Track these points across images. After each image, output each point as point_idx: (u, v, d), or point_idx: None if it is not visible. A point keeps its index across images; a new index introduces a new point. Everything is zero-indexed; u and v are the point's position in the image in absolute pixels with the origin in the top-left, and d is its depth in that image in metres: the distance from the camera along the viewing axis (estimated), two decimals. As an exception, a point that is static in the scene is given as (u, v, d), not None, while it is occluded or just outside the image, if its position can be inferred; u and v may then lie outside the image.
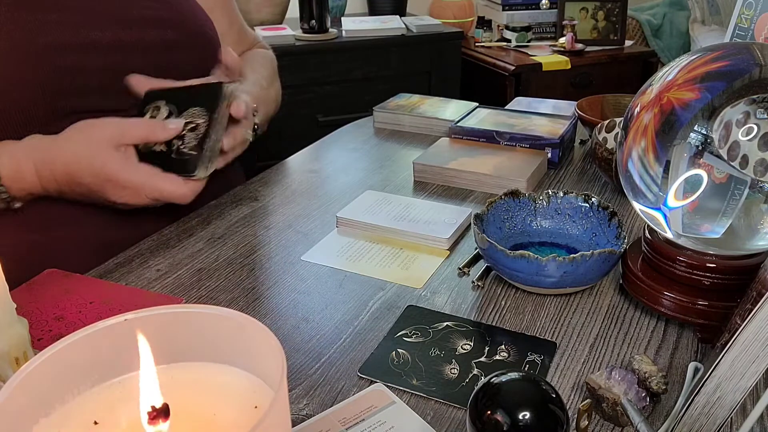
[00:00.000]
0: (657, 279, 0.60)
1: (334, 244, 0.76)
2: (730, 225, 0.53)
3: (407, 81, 2.12)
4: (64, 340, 0.30)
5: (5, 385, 0.28)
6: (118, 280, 0.69)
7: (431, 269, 0.71)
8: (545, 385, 0.39)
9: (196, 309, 0.32)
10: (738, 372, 0.41)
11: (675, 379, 0.54)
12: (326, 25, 2.08)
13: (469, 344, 0.58)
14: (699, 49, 0.55)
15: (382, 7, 2.39)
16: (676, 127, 0.52)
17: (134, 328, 0.31)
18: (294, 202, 0.88)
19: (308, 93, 2.03)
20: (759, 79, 0.50)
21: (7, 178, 0.68)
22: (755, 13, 0.76)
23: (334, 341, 0.60)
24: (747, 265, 0.56)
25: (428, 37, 2.16)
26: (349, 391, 0.53)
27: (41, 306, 0.62)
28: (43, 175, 0.69)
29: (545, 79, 2.28)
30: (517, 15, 2.51)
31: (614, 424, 0.49)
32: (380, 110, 1.16)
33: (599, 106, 1.09)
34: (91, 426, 0.30)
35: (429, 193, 0.90)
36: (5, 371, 0.45)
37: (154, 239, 0.77)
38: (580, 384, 0.54)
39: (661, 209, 0.55)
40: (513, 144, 0.98)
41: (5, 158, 0.68)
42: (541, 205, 0.73)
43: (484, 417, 0.38)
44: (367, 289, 0.67)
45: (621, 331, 0.60)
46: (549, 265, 0.61)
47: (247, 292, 0.67)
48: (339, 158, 1.03)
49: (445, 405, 0.52)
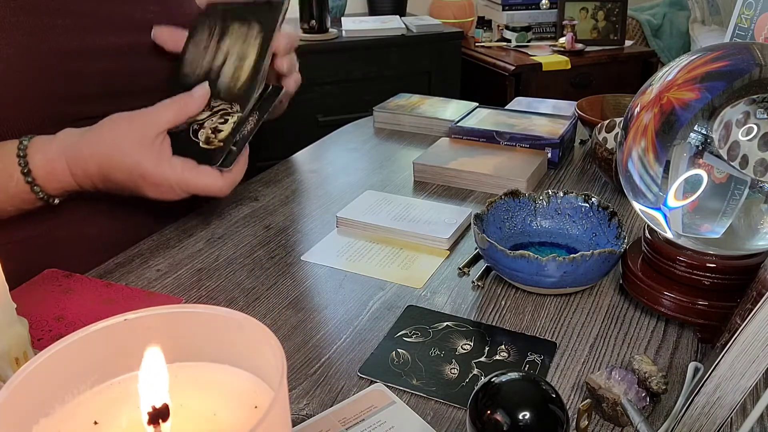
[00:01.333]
0: (657, 279, 0.60)
1: (334, 244, 0.76)
2: (730, 225, 0.53)
3: (407, 81, 2.12)
4: (64, 340, 0.30)
5: (5, 385, 0.28)
6: (118, 280, 0.69)
7: (431, 269, 0.71)
8: (545, 385, 0.39)
9: (196, 309, 0.32)
10: (738, 372, 0.41)
11: (675, 379, 0.54)
12: (326, 25, 2.08)
13: (469, 344, 0.58)
14: (699, 49, 0.55)
15: (382, 7, 2.40)
16: (676, 127, 0.52)
17: (134, 328, 0.31)
18: (294, 202, 0.88)
19: (308, 93, 2.03)
20: (759, 79, 0.50)
21: (41, 177, 0.68)
22: (755, 13, 0.76)
23: (334, 341, 0.60)
24: (747, 265, 0.56)
25: (428, 37, 2.16)
26: (349, 391, 0.53)
27: (41, 306, 0.62)
28: (76, 173, 0.69)
29: (545, 79, 2.28)
30: (517, 15, 2.51)
31: (614, 424, 0.49)
32: (380, 110, 1.16)
33: (599, 106, 1.09)
34: (91, 426, 0.30)
35: (429, 193, 0.90)
36: (5, 371, 0.45)
37: (154, 239, 0.77)
38: (580, 384, 0.54)
39: (661, 209, 0.55)
40: (513, 144, 0.98)
41: (38, 157, 0.68)
42: (541, 205, 0.73)
43: (484, 417, 0.38)
44: (367, 289, 0.67)
45: (621, 331, 0.60)
46: (549, 265, 0.61)
47: (247, 292, 0.67)
48: (339, 158, 1.03)
49: (445, 405, 0.52)
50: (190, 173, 0.70)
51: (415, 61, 2.16)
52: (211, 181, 0.70)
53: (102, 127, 0.69)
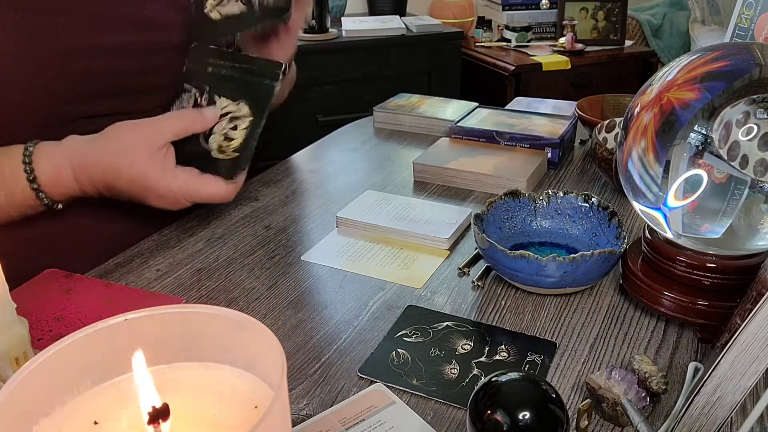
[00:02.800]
0: (657, 279, 0.60)
1: (334, 244, 0.76)
2: (730, 225, 0.53)
3: (407, 81, 2.12)
4: (64, 340, 0.30)
5: (5, 385, 0.28)
6: (118, 280, 0.69)
7: (431, 269, 0.71)
8: (545, 385, 0.39)
9: (196, 309, 0.32)
10: (738, 372, 0.41)
11: (675, 379, 0.54)
12: (326, 25, 2.08)
13: (469, 344, 0.58)
14: (699, 49, 0.55)
15: (382, 7, 2.40)
16: (676, 127, 0.52)
17: (134, 328, 0.31)
18: (294, 202, 0.88)
19: (308, 93, 2.03)
20: (759, 79, 0.50)
21: (46, 184, 0.68)
22: (755, 13, 0.76)
23: (334, 341, 0.60)
24: (747, 265, 0.56)
25: (428, 37, 2.16)
26: (349, 391, 0.53)
27: (41, 306, 0.62)
28: (81, 180, 0.69)
29: (545, 79, 2.28)
30: (517, 15, 2.51)
31: (614, 424, 0.49)
32: (380, 110, 1.16)
33: (599, 106, 1.09)
34: (91, 426, 0.30)
35: (429, 193, 0.90)
36: (5, 371, 0.45)
37: (154, 239, 0.77)
38: (580, 384, 0.54)
39: (661, 209, 0.55)
40: (513, 144, 0.98)
41: (44, 163, 0.68)
42: (541, 205, 0.73)
43: (484, 417, 0.38)
44: (367, 289, 0.67)
45: (621, 331, 0.60)
46: (549, 265, 0.61)
47: (247, 292, 0.67)
48: (339, 158, 1.03)
49: (445, 405, 0.52)
50: (194, 183, 0.70)
51: (415, 61, 2.16)
52: (215, 189, 0.71)
53: (107, 135, 0.70)
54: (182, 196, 0.71)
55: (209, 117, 0.72)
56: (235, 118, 0.72)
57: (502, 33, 2.51)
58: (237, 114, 0.73)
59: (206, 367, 0.33)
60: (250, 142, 0.72)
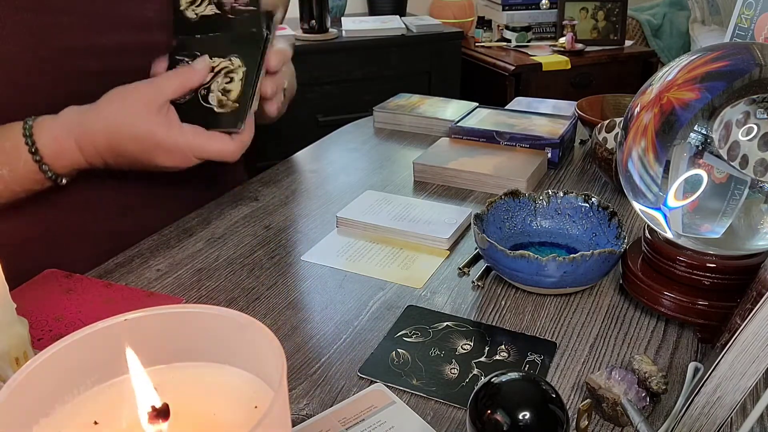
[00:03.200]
0: (657, 279, 0.60)
1: (334, 244, 0.76)
2: (730, 225, 0.53)
3: (407, 81, 2.12)
4: (64, 340, 0.30)
5: (5, 385, 0.28)
6: (118, 280, 0.69)
7: (431, 269, 0.71)
8: (545, 385, 0.39)
9: (196, 309, 0.32)
10: (738, 372, 0.41)
11: (675, 379, 0.54)
12: (326, 25, 2.08)
13: (469, 344, 0.58)
14: (699, 49, 0.55)
15: (382, 7, 2.40)
16: (676, 127, 0.52)
17: (134, 328, 0.31)
18: (294, 202, 0.88)
19: (308, 93, 2.03)
20: (759, 79, 0.50)
21: (49, 156, 0.67)
22: (755, 13, 0.76)
23: (334, 341, 0.60)
24: (747, 265, 0.56)
25: (428, 37, 2.16)
26: (349, 391, 0.53)
27: (41, 306, 0.62)
28: (86, 149, 0.68)
29: (545, 79, 2.28)
30: (517, 15, 2.51)
31: (614, 424, 0.49)
32: (380, 110, 1.16)
33: (599, 106, 1.09)
34: (91, 426, 0.30)
35: (429, 193, 0.90)
36: (5, 371, 0.45)
37: (154, 239, 0.77)
38: (580, 384, 0.54)
39: (661, 209, 0.55)
40: (513, 144, 0.98)
41: (45, 136, 0.67)
42: (541, 205, 0.73)
43: (484, 417, 0.38)
44: (367, 289, 0.67)
45: (621, 331, 0.60)
46: (549, 265, 0.61)
47: (247, 292, 0.67)
48: (339, 158, 1.03)
49: (445, 405, 0.52)
50: (201, 138, 0.70)
51: (415, 61, 2.16)
52: (222, 146, 0.70)
53: (109, 100, 0.69)
54: (191, 152, 0.69)
55: (200, 68, 0.71)
56: (229, 72, 0.72)
57: (502, 33, 2.51)
58: (231, 67, 0.72)
59: (206, 367, 0.33)
60: (248, 89, 0.71)
